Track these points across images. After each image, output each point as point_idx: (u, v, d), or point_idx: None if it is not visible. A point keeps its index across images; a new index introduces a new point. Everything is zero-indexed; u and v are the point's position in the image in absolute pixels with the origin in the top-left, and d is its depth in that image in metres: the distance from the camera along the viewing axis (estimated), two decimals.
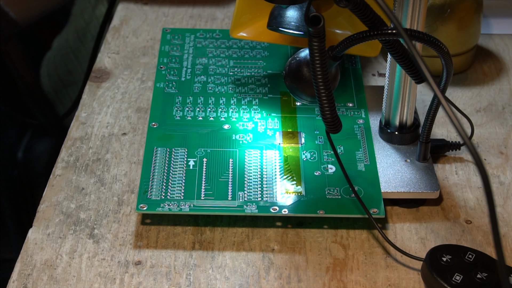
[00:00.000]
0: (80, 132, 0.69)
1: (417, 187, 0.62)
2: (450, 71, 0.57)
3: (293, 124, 0.67)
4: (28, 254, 0.58)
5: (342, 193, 0.61)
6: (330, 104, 0.54)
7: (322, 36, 0.53)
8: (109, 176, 0.64)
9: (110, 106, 0.72)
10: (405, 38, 0.46)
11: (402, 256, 0.58)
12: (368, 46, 0.68)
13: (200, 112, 0.68)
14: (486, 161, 0.67)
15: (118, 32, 0.81)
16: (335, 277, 0.57)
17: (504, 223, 0.61)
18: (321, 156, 0.64)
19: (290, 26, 0.64)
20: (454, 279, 0.54)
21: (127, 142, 0.68)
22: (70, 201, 0.62)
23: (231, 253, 0.59)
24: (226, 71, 0.72)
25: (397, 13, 0.59)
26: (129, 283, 0.56)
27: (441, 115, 0.70)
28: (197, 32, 0.77)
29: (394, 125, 0.65)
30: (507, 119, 0.71)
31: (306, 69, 0.58)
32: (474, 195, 0.64)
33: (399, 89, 0.63)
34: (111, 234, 0.60)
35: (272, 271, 0.57)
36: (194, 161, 0.63)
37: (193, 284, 0.56)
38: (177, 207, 0.59)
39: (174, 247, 0.59)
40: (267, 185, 0.61)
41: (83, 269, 0.57)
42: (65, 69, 1.02)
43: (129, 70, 0.76)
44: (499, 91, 0.74)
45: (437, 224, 0.61)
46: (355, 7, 0.52)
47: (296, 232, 0.60)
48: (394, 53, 0.55)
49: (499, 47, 0.80)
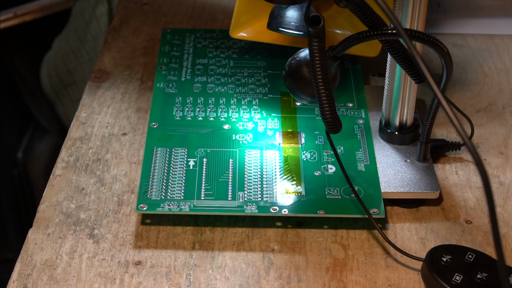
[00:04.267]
0: (80, 132, 0.69)
1: (417, 187, 0.62)
2: (450, 71, 0.57)
3: (293, 124, 0.67)
4: (28, 254, 0.58)
5: (342, 193, 0.61)
6: (330, 104, 0.54)
7: (322, 36, 0.53)
8: (109, 176, 0.64)
9: (110, 106, 0.72)
10: (405, 38, 0.46)
11: (402, 256, 0.58)
12: (368, 46, 0.68)
13: (200, 112, 0.68)
14: (486, 161, 0.67)
15: (118, 32, 0.81)
16: (335, 277, 0.57)
17: (504, 223, 0.61)
18: (321, 156, 0.64)
19: (290, 26, 0.64)
20: (454, 279, 0.54)
21: (127, 142, 0.68)
22: (70, 201, 0.62)
23: (231, 253, 0.59)
24: (226, 71, 0.72)
25: (397, 13, 0.59)
26: (129, 283, 0.56)
27: (441, 115, 0.70)
28: (197, 32, 0.77)
29: (394, 125, 0.65)
30: (507, 119, 0.71)
31: (306, 69, 0.58)
32: (474, 195, 0.64)
33: (399, 89, 0.63)
34: (111, 234, 0.60)
35: (272, 271, 0.57)
36: (194, 161, 0.63)
37: (193, 284, 0.56)
38: (177, 207, 0.59)
39: (174, 247, 0.59)
40: (267, 185, 0.61)
41: (83, 269, 0.57)
42: (65, 69, 1.02)
43: (129, 70, 0.76)
44: (499, 91, 0.74)
45: (437, 224, 0.61)
46: (355, 7, 0.52)
47: (296, 232, 0.60)
48: (394, 53, 0.55)
49: (499, 47, 0.80)
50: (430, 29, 0.82)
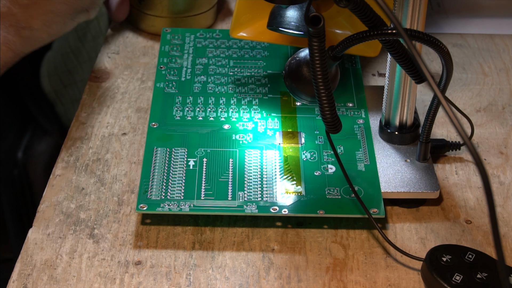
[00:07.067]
0: (80, 132, 0.69)
1: (417, 187, 0.62)
2: (450, 71, 0.57)
3: (293, 124, 0.67)
4: (28, 254, 0.58)
5: (342, 193, 0.61)
6: (330, 104, 0.54)
7: (322, 36, 0.53)
8: (109, 176, 0.64)
9: (110, 106, 0.72)
10: (405, 38, 0.46)
11: (402, 256, 0.58)
12: (368, 46, 0.68)
13: (200, 112, 0.68)
14: (486, 161, 0.67)
15: (118, 32, 0.81)
16: (335, 277, 0.57)
17: (504, 223, 0.61)
18: (321, 156, 0.64)
19: (290, 26, 0.64)
20: (454, 279, 0.54)
21: (127, 142, 0.68)
22: (70, 201, 0.62)
23: (231, 253, 0.59)
24: (226, 71, 0.72)
25: (397, 13, 0.59)
26: (129, 283, 0.56)
27: (441, 115, 0.70)
28: (197, 32, 0.77)
29: (394, 125, 0.65)
30: (507, 119, 0.71)
31: (306, 69, 0.58)
32: (474, 195, 0.64)
33: (399, 89, 0.63)
34: (111, 234, 0.60)
35: (272, 271, 0.57)
36: (194, 161, 0.63)
37: (193, 284, 0.56)
38: (177, 207, 0.59)
39: (174, 247, 0.59)
40: (267, 185, 0.61)
41: (83, 269, 0.57)
42: (65, 69, 1.02)
43: (129, 70, 0.76)
44: (499, 91, 0.74)
45: (437, 224, 0.61)
46: (355, 7, 0.52)
47: (296, 232, 0.60)
48: (394, 53, 0.55)
49: (499, 47, 0.80)
50: (430, 29, 0.82)
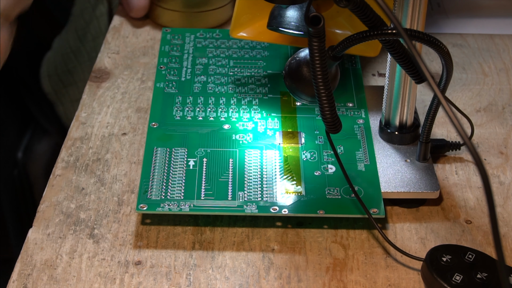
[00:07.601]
0: (80, 132, 0.69)
1: (417, 187, 0.62)
2: (450, 71, 0.57)
3: (293, 124, 0.67)
4: (28, 254, 0.58)
5: (342, 193, 0.61)
6: (330, 104, 0.54)
7: (322, 36, 0.53)
8: (109, 176, 0.64)
9: (110, 106, 0.72)
10: (405, 38, 0.46)
11: (402, 256, 0.58)
12: (368, 46, 0.68)
13: (200, 112, 0.68)
14: (486, 161, 0.67)
15: (118, 32, 0.81)
16: (335, 277, 0.57)
17: (504, 223, 0.61)
18: (321, 156, 0.64)
19: (290, 26, 0.64)
20: (454, 279, 0.54)
21: (127, 142, 0.68)
22: (70, 201, 0.62)
23: (231, 253, 0.59)
24: (226, 71, 0.72)
25: (397, 13, 0.59)
26: (129, 283, 0.56)
27: (441, 115, 0.70)
28: (197, 32, 0.77)
29: (394, 125, 0.65)
30: (507, 119, 0.71)
31: (306, 69, 0.58)
32: (474, 195, 0.64)
33: (399, 89, 0.63)
34: (111, 234, 0.60)
35: (272, 271, 0.57)
36: (194, 161, 0.63)
37: (193, 284, 0.56)
38: (177, 207, 0.59)
39: (174, 247, 0.59)
40: (267, 185, 0.61)
41: (83, 269, 0.57)
42: (65, 69, 1.02)
43: (129, 70, 0.76)
44: (499, 91, 0.74)
45: (437, 224, 0.61)
46: (355, 7, 0.52)
47: (296, 232, 0.60)
48: (394, 53, 0.55)
49: (499, 47, 0.80)
50: (430, 29, 0.82)
